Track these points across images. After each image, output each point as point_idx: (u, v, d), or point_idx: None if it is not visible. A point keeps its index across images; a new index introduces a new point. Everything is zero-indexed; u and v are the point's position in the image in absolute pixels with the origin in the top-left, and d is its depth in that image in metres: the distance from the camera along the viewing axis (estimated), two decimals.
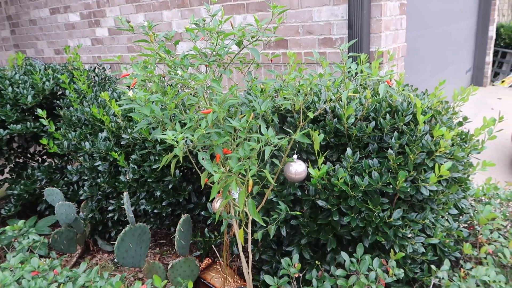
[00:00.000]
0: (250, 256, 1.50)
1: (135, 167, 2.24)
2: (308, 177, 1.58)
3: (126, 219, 2.49)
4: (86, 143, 2.42)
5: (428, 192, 1.52)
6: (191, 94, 1.38)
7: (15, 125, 2.74)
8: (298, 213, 1.53)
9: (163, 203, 2.27)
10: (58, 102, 2.93)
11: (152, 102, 1.42)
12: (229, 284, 2.01)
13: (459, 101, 1.82)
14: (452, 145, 1.71)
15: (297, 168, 1.36)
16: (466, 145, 1.74)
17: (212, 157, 1.43)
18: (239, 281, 2.06)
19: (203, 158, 1.09)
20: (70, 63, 3.21)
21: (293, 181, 1.37)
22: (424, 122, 1.66)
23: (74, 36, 4.67)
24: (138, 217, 2.54)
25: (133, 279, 2.38)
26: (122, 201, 2.46)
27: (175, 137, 1.06)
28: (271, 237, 1.49)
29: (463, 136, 1.79)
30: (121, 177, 2.29)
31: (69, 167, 2.69)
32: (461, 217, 1.90)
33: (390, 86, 1.12)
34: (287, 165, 1.37)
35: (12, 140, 3.00)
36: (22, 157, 3.13)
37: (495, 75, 7.51)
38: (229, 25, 3.16)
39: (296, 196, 1.69)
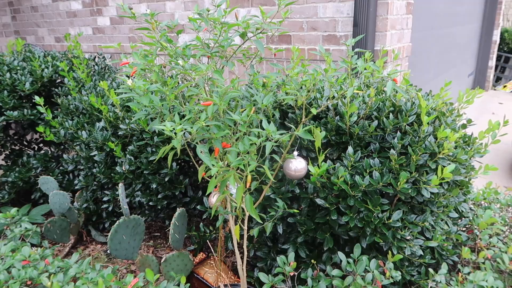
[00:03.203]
0: (245, 253, 1.47)
1: (132, 158, 2.20)
2: (308, 174, 1.55)
3: (121, 210, 2.46)
4: (83, 132, 2.38)
5: (429, 194, 1.49)
6: (191, 85, 1.34)
7: (12, 111, 2.71)
8: (295, 210, 1.50)
9: (159, 196, 2.24)
10: (56, 90, 2.89)
11: (152, 92, 1.39)
12: (223, 280, 1.98)
13: (463, 103, 1.79)
14: (456, 147, 1.68)
15: (297, 165, 1.32)
16: (469, 148, 1.72)
17: (211, 150, 1.40)
18: (232, 277, 2.03)
19: (201, 151, 1.06)
20: (70, 51, 3.17)
21: (292, 178, 1.35)
22: (428, 123, 1.63)
23: (76, 24, 4.62)
24: (133, 209, 2.51)
25: (126, 271, 2.36)
26: (117, 192, 2.43)
27: (174, 128, 1.03)
28: (267, 234, 1.46)
29: (466, 139, 1.77)
30: (117, 168, 2.26)
31: (65, 156, 2.66)
32: (460, 220, 1.88)
33: (397, 84, 1.09)
34: (287, 162, 1.34)
35: (8, 127, 2.96)
36: (18, 144, 3.09)
37: (497, 79, 7.49)
38: (233, 18, 3.12)
39: (294, 194, 1.66)
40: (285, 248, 1.76)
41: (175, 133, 1.04)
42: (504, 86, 6.88)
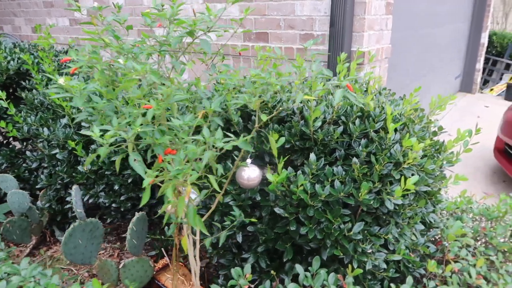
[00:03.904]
0: (198, 263, 1.39)
1: (94, 157, 2.10)
2: (264, 183, 1.47)
3: (85, 209, 2.36)
4: (45, 129, 2.27)
5: (393, 205, 1.42)
6: (140, 85, 1.25)
7: None
8: (253, 220, 1.42)
9: (122, 198, 2.15)
10: (24, 83, 2.77)
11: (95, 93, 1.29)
12: (183, 287, 1.90)
13: (435, 109, 1.72)
14: (425, 156, 1.61)
15: (250, 173, 1.24)
16: (440, 157, 1.65)
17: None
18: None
19: (134, 160, 0.97)
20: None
21: (245, 187, 1.26)
22: (396, 130, 1.56)
23: (53, 14, 4.47)
24: (99, 209, 2.42)
25: (88, 274, 2.26)
26: (82, 192, 2.33)
27: (103, 134, 0.94)
28: (220, 245, 1.38)
29: (438, 147, 1.70)
30: (79, 168, 2.16)
31: (28, 153, 2.55)
32: (430, 231, 1.81)
33: (349, 92, 1.01)
34: (240, 170, 1.25)
35: None
36: None
37: (485, 82, 7.47)
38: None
39: (256, 201, 1.58)
40: (247, 257, 1.68)
41: (105, 140, 0.95)
42: (491, 89, 6.86)
